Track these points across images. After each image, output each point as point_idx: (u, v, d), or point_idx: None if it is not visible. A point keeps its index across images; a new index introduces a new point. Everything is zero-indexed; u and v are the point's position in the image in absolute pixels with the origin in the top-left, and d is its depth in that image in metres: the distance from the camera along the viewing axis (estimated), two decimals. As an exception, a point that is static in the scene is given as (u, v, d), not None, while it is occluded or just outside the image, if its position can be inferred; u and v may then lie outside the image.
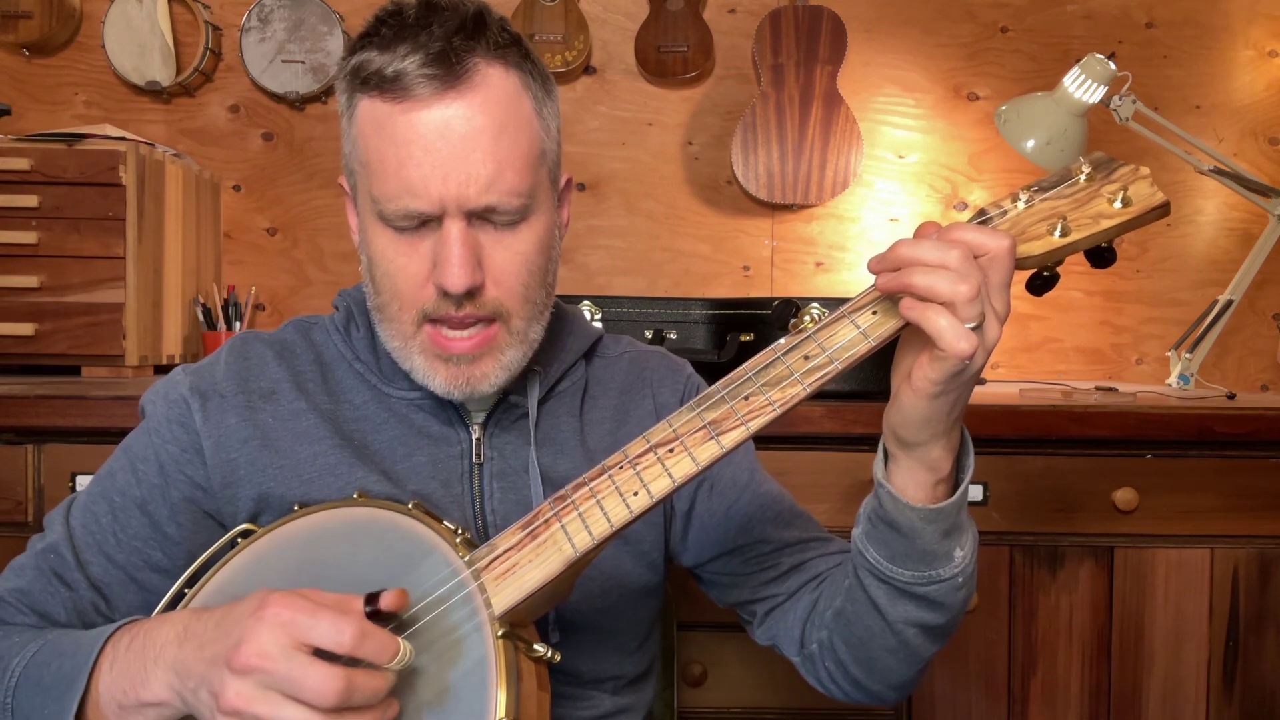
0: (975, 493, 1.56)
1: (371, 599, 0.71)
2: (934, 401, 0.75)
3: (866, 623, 0.86)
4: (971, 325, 0.70)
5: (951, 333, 0.70)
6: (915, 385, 0.75)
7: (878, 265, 0.74)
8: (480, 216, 0.84)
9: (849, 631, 0.88)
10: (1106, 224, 0.77)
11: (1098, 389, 1.87)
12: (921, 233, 0.75)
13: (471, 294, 0.84)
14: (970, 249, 0.71)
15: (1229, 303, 1.96)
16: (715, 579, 1.03)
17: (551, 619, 0.92)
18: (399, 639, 0.70)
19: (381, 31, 0.84)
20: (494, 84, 0.83)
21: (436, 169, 0.81)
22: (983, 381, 2.09)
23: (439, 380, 0.88)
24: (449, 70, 0.81)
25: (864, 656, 0.89)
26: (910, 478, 0.80)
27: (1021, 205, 0.78)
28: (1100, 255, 0.79)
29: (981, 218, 0.78)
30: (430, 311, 0.86)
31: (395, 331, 0.89)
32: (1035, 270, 0.79)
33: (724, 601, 1.03)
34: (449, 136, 0.81)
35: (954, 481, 0.81)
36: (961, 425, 0.80)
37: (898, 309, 0.73)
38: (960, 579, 0.83)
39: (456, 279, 0.82)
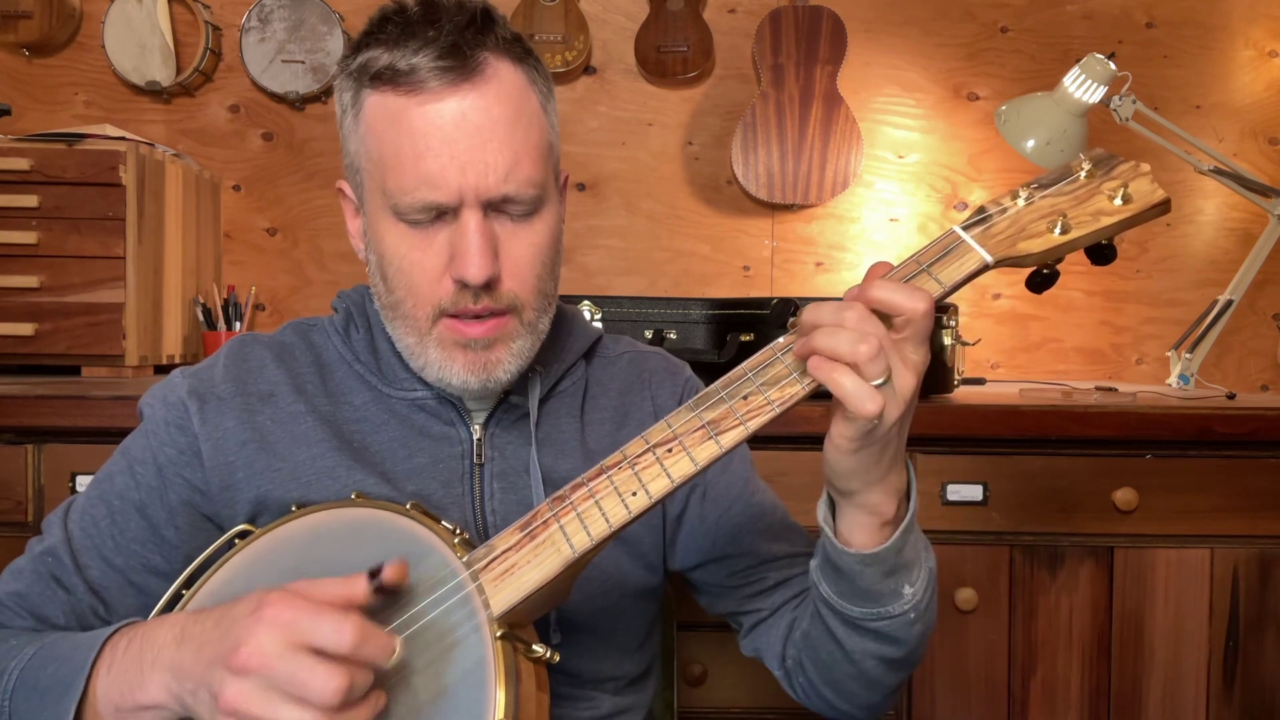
0: (975, 493, 1.56)
1: (375, 573, 0.71)
2: (854, 456, 0.75)
3: (828, 649, 0.88)
4: (878, 382, 0.70)
5: (856, 394, 0.70)
6: (834, 441, 0.76)
7: (797, 332, 0.75)
8: (496, 208, 0.84)
9: (815, 655, 0.91)
10: (1107, 221, 0.76)
11: (1098, 389, 1.87)
12: (870, 274, 0.75)
13: (489, 286, 0.84)
14: (880, 307, 0.72)
15: (1229, 303, 1.96)
16: (704, 586, 1.03)
17: (553, 619, 0.92)
18: (394, 637, 0.70)
19: (387, 29, 0.84)
20: (504, 77, 0.84)
21: (455, 159, 0.81)
22: (982, 381, 2.09)
23: (457, 368, 0.87)
24: (463, 63, 0.82)
25: (829, 679, 0.91)
26: (854, 521, 0.80)
27: (1021, 203, 0.78)
28: (1100, 252, 0.79)
29: (981, 216, 0.78)
30: (447, 307, 0.85)
31: (410, 328, 0.88)
32: (1035, 267, 0.79)
33: (712, 610, 1.04)
34: (465, 127, 0.82)
35: (903, 519, 0.81)
36: (905, 463, 0.80)
37: None
38: (912, 615, 0.84)
39: (477, 269, 0.82)
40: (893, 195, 2.36)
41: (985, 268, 0.76)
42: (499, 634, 0.73)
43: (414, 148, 0.82)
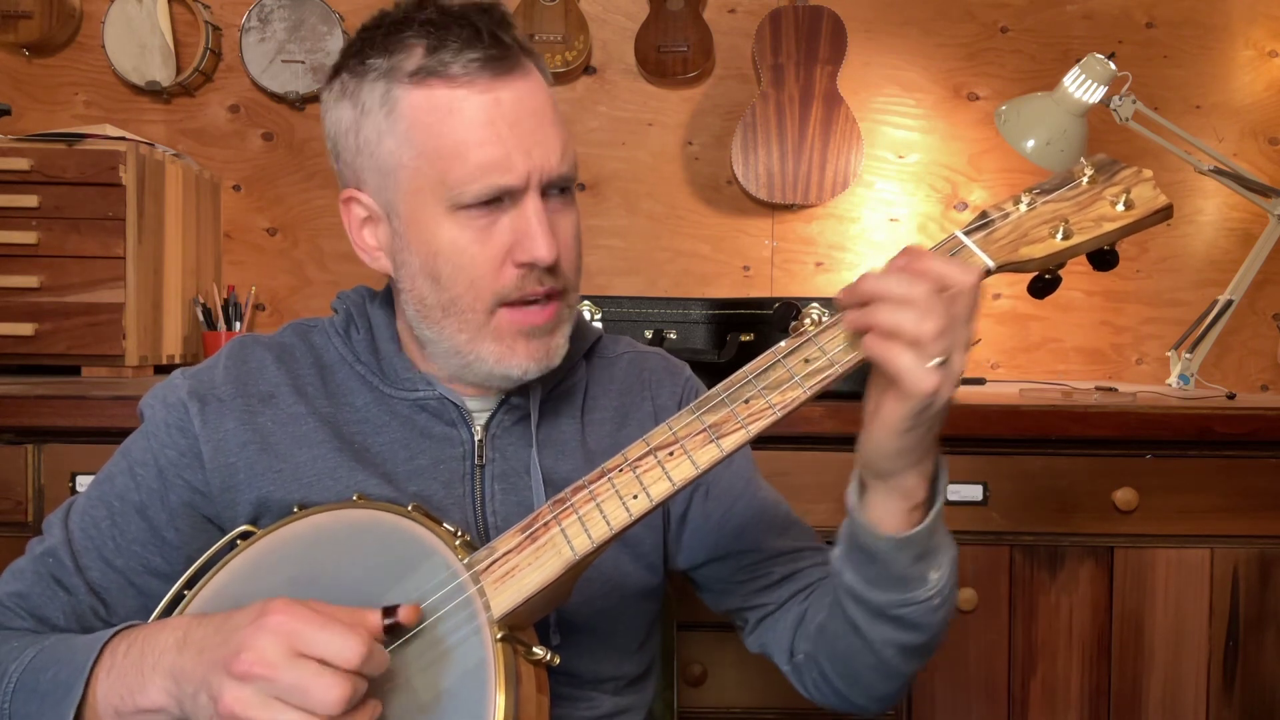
0: (975, 493, 1.56)
1: (389, 612, 0.72)
2: (904, 436, 0.75)
3: (847, 640, 0.87)
4: (937, 361, 0.70)
5: (914, 372, 0.70)
6: (885, 421, 0.75)
7: (847, 298, 0.74)
8: (547, 190, 0.87)
9: (831, 647, 0.90)
10: (1109, 227, 0.76)
11: (1098, 389, 1.87)
12: (892, 265, 0.74)
13: (552, 268, 0.86)
14: (937, 281, 0.71)
15: (1229, 303, 1.96)
16: (709, 584, 1.03)
17: (553, 621, 0.92)
18: (384, 651, 0.71)
19: (413, 29, 0.85)
20: (532, 70, 0.88)
21: (521, 142, 0.84)
22: (982, 381, 2.09)
23: (518, 359, 0.89)
24: (506, 55, 0.85)
25: (846, 671, 0.90)
26: (885, 506, 0.80)
27: (1023, 208, 0.78)
28: (1102, 258, 0.79)
29: (983, 220, 0.78)
30: (508, 294, 0.86)
31: (463, 324, 0.88)
32: (1037, 273, 0.79)
33: (717, 607, 1.04)
34: (522, 113, 0.85)
35: (930, 504, 0.81)
36: (936, 450, 0.80)
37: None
38: (937, 600, 0.83)
39: (547, 248, 0.84)
40: (893, 195, 2.36)
41: (987, 273, 0.76)
42: (499, 636, 0.73)
43: (477, 136, 0.83)
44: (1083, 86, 1.90)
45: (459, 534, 0.79)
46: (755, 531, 1.00)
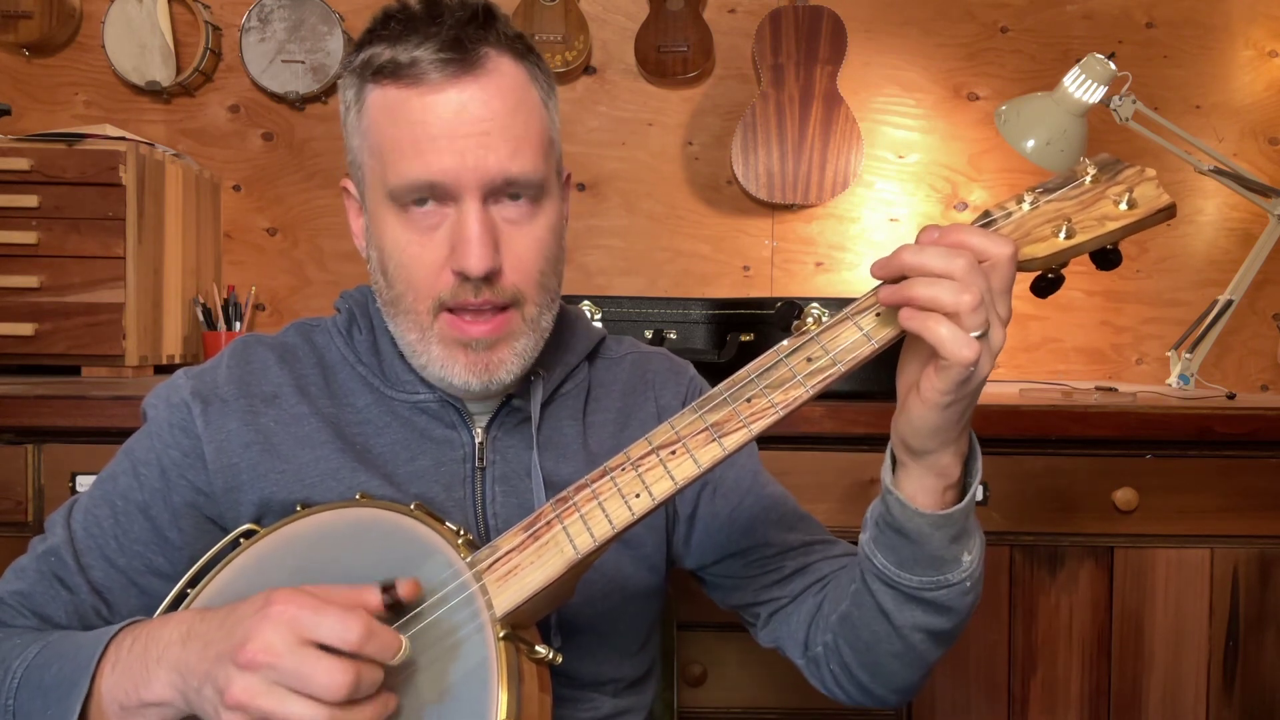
0: (975, 493, 1.56)
1: (389, 588, 0.72)
2: (944, 411, 0.74)
3: (872, 627, 0.86)
4: (975, 334, 0.70)
5: (954, 341, 0.69)
6: (924, 396, 0.74)
7: (881, 271, 0.74)
8: (497, 195, 0.84)
9: (854, 635, 0.88)
10: (1112, 226, 0.76)
11: (1098, 389, 1.87)
12: (924, 238, 0.74)
13: (489, 279, 0.84)
14: (976, 253, 0.71)
15: (1229, 303, 1.96)
16: (719, 581, 1.02)
17: (553, 621, 0.92)
18: (400, 634, 0.71)
19: (390, 26, 0.85)
20: (505, 72, 0.85)
21: (453, 147, 0.82)
22: (983, 381, 2.09)
23: (459, 368, 0.87)
24: (463, 56, 0.82)
25: (869, 660, 0.89)
26: (919, 485, 0.79)
27: (1026, 207, 0.78)
28: (1105, 257, 0.79)
29: (986, 220, 0.78)
30: (447, 299, 0.85)
31: (411, 324, 0.88)
32: (1040, 272, 0.79)
33: (726, 604, 1.03)
34: (465, 118, 0.82)
35: (962, 486, 0.81)
36: (970, 430, 0.80)
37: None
38: (968, 583, 0.83)
39: (477, 260, 0.82)
40: (893, 195, 2.36)
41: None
42: (502, 634, 0.73)
43: (413, 137, 0.82)
44: (1083, 86, 1.90)
45: (461, 533, 0.79)
46: (765, 526, 0.99)
